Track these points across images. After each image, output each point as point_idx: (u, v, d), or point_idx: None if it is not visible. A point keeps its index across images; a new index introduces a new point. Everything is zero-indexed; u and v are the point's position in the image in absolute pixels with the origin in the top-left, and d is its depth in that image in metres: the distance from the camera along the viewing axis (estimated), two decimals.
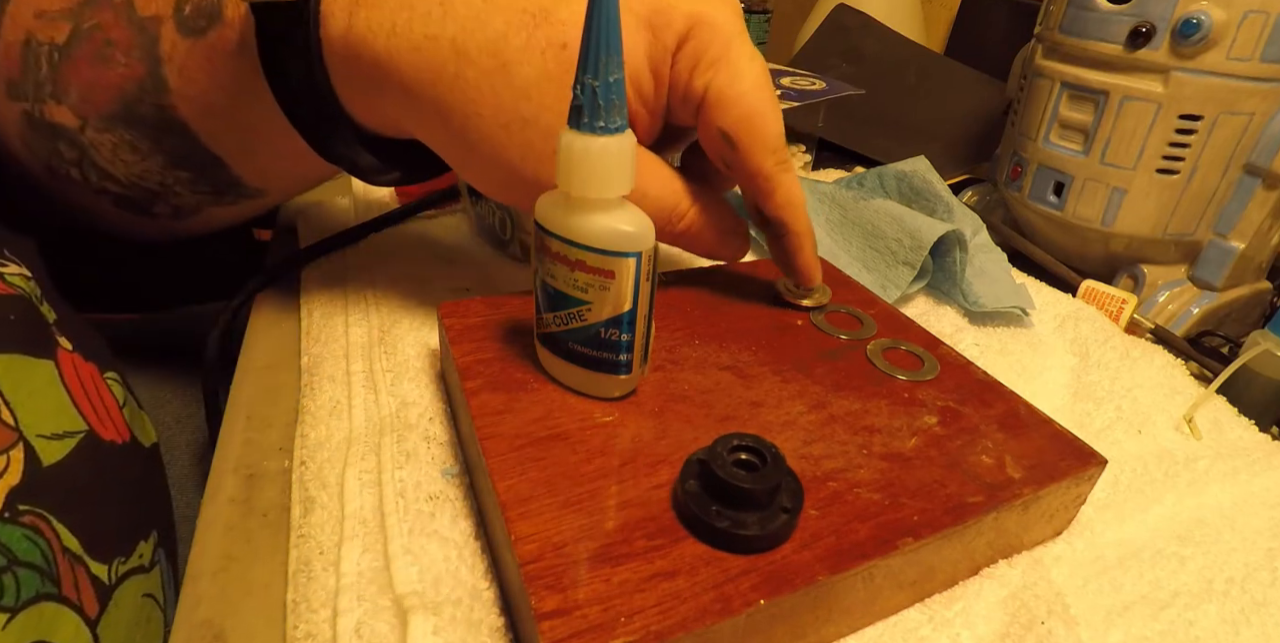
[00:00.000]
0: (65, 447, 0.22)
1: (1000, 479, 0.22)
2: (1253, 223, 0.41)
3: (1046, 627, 0.21)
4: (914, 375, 0.27)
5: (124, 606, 0.22)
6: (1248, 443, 0.30)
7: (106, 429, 0.25)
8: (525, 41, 0.24)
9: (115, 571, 0.23)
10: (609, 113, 0.19)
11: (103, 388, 0.26)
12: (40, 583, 0.19)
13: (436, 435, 0.26)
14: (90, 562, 0.22)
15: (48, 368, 0.23)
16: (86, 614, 0.21)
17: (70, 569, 0.21)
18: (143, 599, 0.24)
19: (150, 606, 0.24)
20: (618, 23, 0.18)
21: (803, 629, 0.19)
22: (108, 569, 0.22)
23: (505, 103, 0.25)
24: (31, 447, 0.21)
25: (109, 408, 0.26)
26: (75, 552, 0.21)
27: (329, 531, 0.23)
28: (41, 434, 0.21)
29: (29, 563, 0.19)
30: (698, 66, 0.26)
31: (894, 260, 0.39)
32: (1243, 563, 0.24)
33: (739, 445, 0.20)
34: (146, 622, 0.24)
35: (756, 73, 0.26)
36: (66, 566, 0.20)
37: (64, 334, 0.25)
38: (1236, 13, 0.35)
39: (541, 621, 0.17)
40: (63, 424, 0.23)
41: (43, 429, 0.22)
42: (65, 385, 0.24)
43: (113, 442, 0.25)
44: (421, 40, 0.24)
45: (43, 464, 0.21)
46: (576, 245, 0.21)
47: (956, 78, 0.67)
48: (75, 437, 0.23)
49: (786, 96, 0.48)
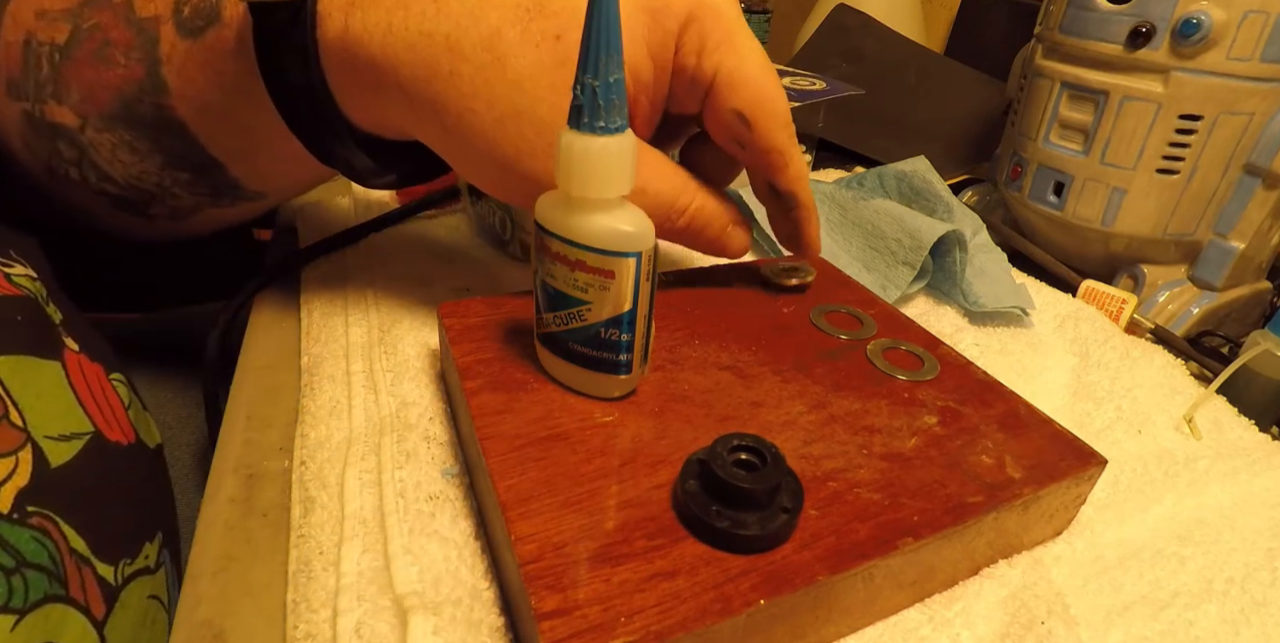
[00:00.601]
0: (73, 448, 0.22)
1: (1000, 479, 0.22)
2: (1253, 223, 0.41)
3: (1046, 627, 0.21)
4: (914, 375, 0.27)
5: (130, 607, 0.22)
6: (1248, 443, 0.30)
7: (113, 430, 0.25)
8: (519, 35, 0.24)
9: (122, 572, 0.23)
10: (609, 113, 0.19)
11: (109, 389, 0.26)
12: (48, 585, 0.19)
13: (436, 435, 0.26)
14: (97, 563, 0.22)
15: (55, 369, 0.23)
16: (94, 616, 0.21)
17: (78, 571, 0.21)
18: (148, 601, 0.24)
19: (156, 607, 0.24)
20: (618, 23, 0.18)
21: (803, 629, 0.19)
22: (114, 571, 0.22)
23: (499, 96, 0.25)
24: (40, 448, 0.21)
25: (115, 409, 0.26)
26: (82, 553, 0.21)
27: (329, 531, 0.23)
28: (49, 436, 0.21)
29: (37, 565, 0.19)
30: (704, 50, 0.26)
31: (894, 260, 0.39)
32: (1243, 563, 0.24)
33: (739, 445, 0.20)
34: (152, 624, 0.24)
35: (761, 54, 0.27)
36: (74, 567, 0.20)
37: (70, 335, 0.25)
38: (1236, 13, 0.35)
39: (541, 621, 0.17)
40: (70, 425, 0.23)
41: (50, 430, 0.22)
42: (72, 387, 0.24)
43: (118, 443, 0.25)
44: (416, 38, 0.24)
45: (50, 466, 0.21)
46: (576, 245, 0.21)
47: (956, 78, 0.67)
48: (83, 438, 0.23)
49: (787, 96, 0.48)
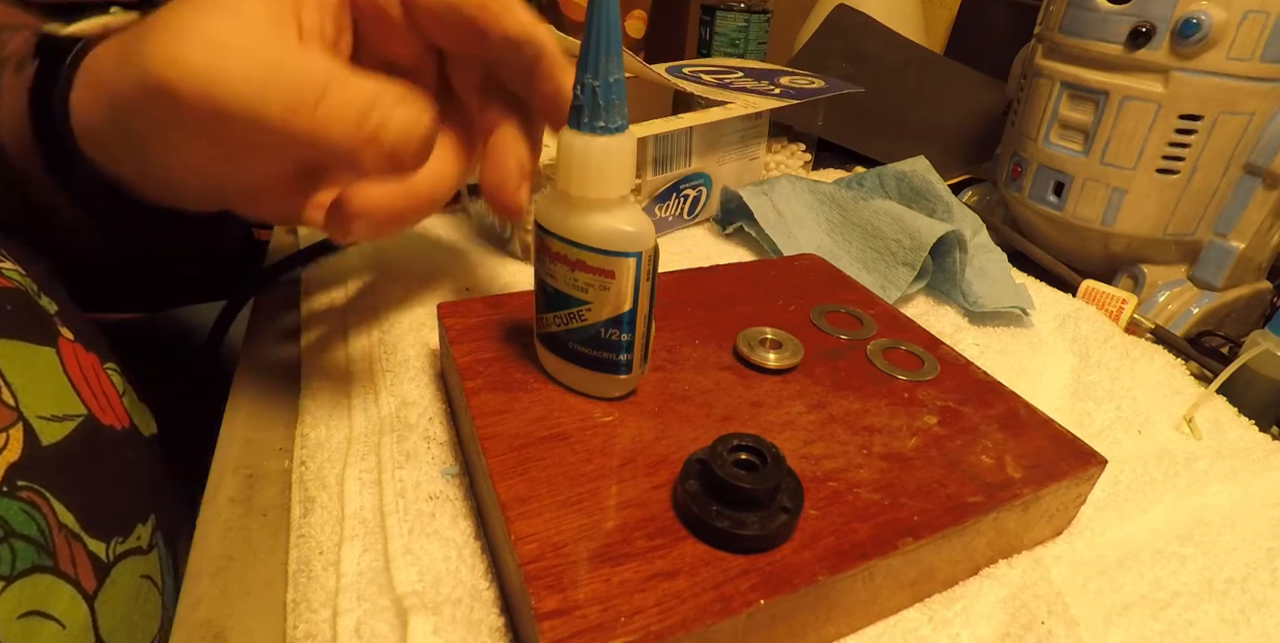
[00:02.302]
0: (64, 428, 0.22)
1: (1000, 479, 0.22)
2: (1253, 223, 0.41)
3: (1046, 627, 0.21)
4: (914, 375, 0.27)
5: (122, 584, 0.23)
6: (1248, 443, 0.30)
7: (106, 415, 0.25)
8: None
9: (113, 549, 0.23)
10: (609, 112, 0.19)
11: (103, 377, 0.26)
12: (36, 555, 0.19)
13: (436, 435, 0.26)
14: (88, 539, 0.22)
15: (49, 355, 0.24)
16: (84, 589, 0.21)
17: (67, 545, 0.21)
18: (140, 580, 0.24)
19: (148, 587, 0.24)
20: (618, 22, 0.18)
21: (803, 629, 0.19)
22: (105, 547, 0.23)
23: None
24: (31, 426, 0.21)
25: (109, 396, 0.26)
26: (72, 528, 0.21)
27: (329, 531, 0.23)
28: (41, 416, 0.22)
29: (25, 536, 0.19)
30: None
31: (894, 261, 0.39)
32: (1243, 563, 0.24)
33: (739, 445, 0.20)
34: (144, 602, 0.24)
35: None
36: (63, 541, 0.21)
37: (66, 325, 0.25)
38: (1236, 13, 0.35)
39: (541, 621, 0.17)
40: (63, 408, 0.23)
41: (42, 411, 0.22)
42: (66, 372, 0.24)
43: (112, 427, 0.25)
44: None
45: (42, 444, 0.21)
46: (576, 245, 0.21)
47: (956, 78, 0.67)
48: (75, 420, 0.23)
49: (785, 95, 0.48)
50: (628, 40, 0.78)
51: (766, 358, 0.26)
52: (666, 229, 0.46)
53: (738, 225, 0.45)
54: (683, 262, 0.42)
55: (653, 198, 0.44)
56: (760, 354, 0.27)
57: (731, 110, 0.45)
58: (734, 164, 0.48)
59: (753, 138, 0.48)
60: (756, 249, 0.44)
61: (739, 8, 0.75)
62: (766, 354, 0.27)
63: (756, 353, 0.27)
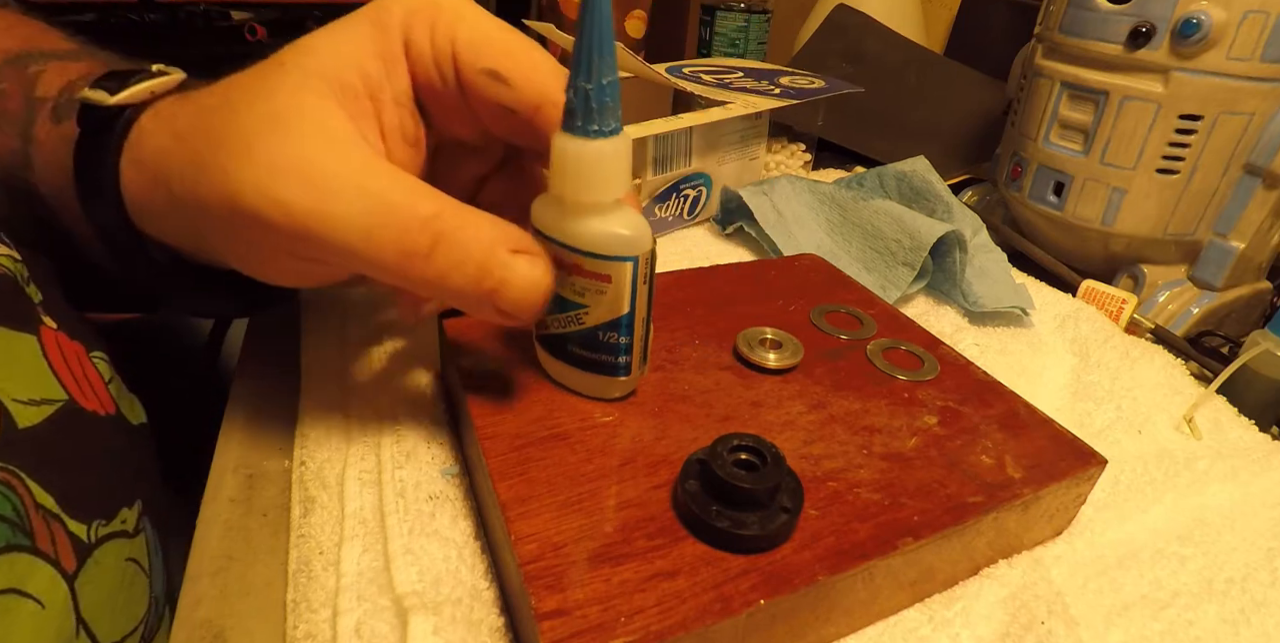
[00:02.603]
0: (42, 412, 0.23)
1: (1000, 479, 0.22)
2: (1253, 223, 0.41)
3: (1046, 627, 0.21)
4: (914, 375, 0.27)
5: (105, 566, 0.23)
6: (1248, 443, 0.30)
7: (89, 401, 0.25)
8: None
9: (95, 531, 0.23)
10: (602, 116, 0.19)
11: (87, 364, 0.26)
12: (12, 534, 0.19)
13: (436, 436, 0.26)
14: (68, 520, 0.22)
15: (29, 341, 0.24)
16: (64, 568, 0.21)
17: (45, 525, 0.21)
18: (126, 563, 0.24)
19: (134, 570, 0.24)
20: (610, 24, 0.18)
21: (803, 629, 0.19)
22: (87, 529, 0.23)
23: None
24: (6, 409, 0.21)
25: (93, 382, 0.26)
26: (51, 509, 0.21)
27: (329, 531, 0.23)
28: (18, 399, 0.22)
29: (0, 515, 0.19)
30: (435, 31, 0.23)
31: (894, 261, 0.39)
32: (1243, 563, 0.24)
33: (739, 445, 0.20)
34: (130, 586, 0.24)
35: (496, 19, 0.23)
36: (41, 521, 0.21)
37: (49, 315, 0.26)
38: (1236, 13, 0.35)
39: (541, 621, 0.17)
40: (41, 392, 0.23)
41: (19, 395, 0.22)
42: (47, 358, 0.24)
43: (95, 412, 0.25)
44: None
45: (18, 426, 0.21)
46: (573, 250, 0.21)
47: (956, 78, 0.67)
48: (54, 404, 0.23)
49: (785, 95, 0.48)
50: (628, 40, 0.78)
51: (766, 358, 0.26)
52: (666, 229, 0.46)
53: (738, 225, 0.45)
54: (683, 262, 0.42)
55: (653, 198, 0.44)
56: (760, 354, 0.27)
57: (731, 110, 0.45)
58: (734, 164, 0.48)
59: (753, 138, 0.48)
60: (756, 249, 0.44)
61: (739, 8, 0.75)
62: (766, 354, 0.27)
63: (756, 353, 0.27)
